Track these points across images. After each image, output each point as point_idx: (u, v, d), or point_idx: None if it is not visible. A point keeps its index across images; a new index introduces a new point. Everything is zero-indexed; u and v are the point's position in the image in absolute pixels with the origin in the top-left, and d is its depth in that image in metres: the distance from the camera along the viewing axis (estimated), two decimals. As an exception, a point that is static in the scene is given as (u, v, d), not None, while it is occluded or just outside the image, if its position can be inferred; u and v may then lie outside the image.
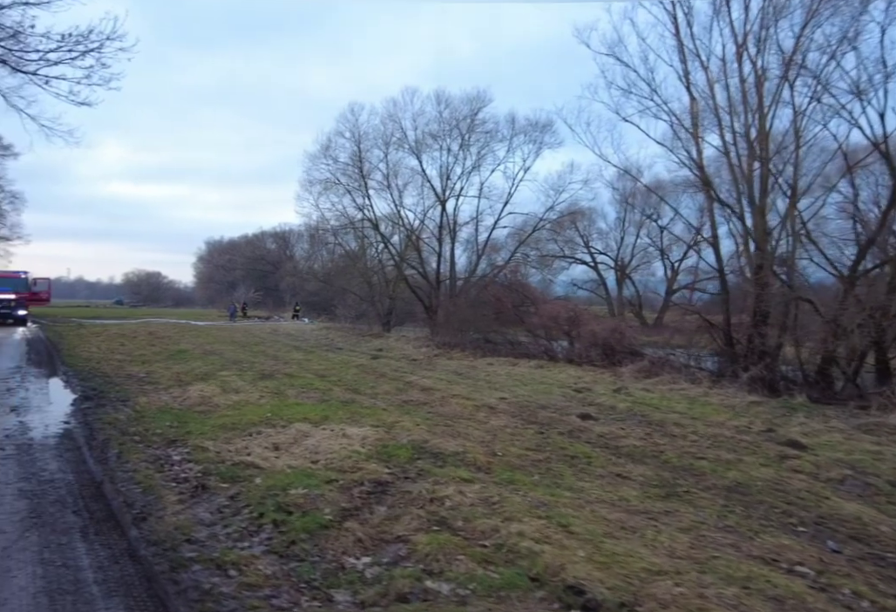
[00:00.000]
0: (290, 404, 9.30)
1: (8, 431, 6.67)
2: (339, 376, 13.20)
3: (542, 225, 26.16)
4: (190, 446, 6.39)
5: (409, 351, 19.41)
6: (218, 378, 12.01)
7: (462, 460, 6.22)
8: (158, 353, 16.89)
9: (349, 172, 26.32)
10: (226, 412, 8.51)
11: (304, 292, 63.56)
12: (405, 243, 28.08)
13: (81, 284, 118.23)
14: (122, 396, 9.50)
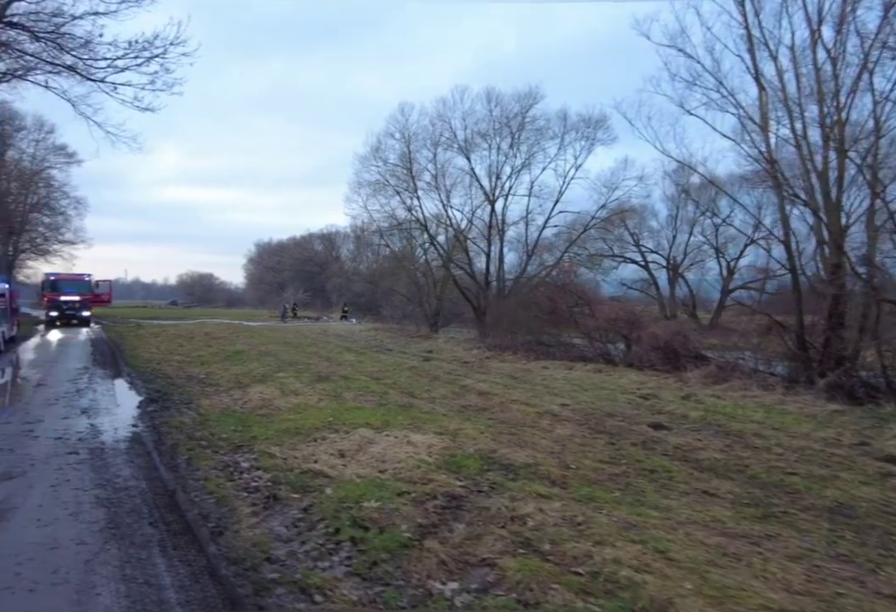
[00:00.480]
0: (350, 408, 9.20)
1: (81, 434, 6.75)
2: (393, 378, 13.08)
3: (595, 223, 25.52)
4: (257, 452, 6.31)
5: (460, 353, 19.17)
6: (276, 380, 12.06)
7: (535, 472, 5.93)
8: (216, 354, 17.18)
9: (398, 173, 26.34)
10: (288, 416, 8.46)
11: (349, 293, 64.29)
12: (452, 244, 27.89)
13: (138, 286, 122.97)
14: (185, 398, 9.59)
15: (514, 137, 23.56)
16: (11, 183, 34.90)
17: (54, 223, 39.90)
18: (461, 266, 26.27)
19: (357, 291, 63.66)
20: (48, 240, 40.24)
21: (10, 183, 34.71)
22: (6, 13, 9.07)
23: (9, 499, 4.48)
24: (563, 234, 26.81)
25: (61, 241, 40.30)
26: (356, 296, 61.30)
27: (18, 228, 36.55)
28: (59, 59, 9.37)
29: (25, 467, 5.33)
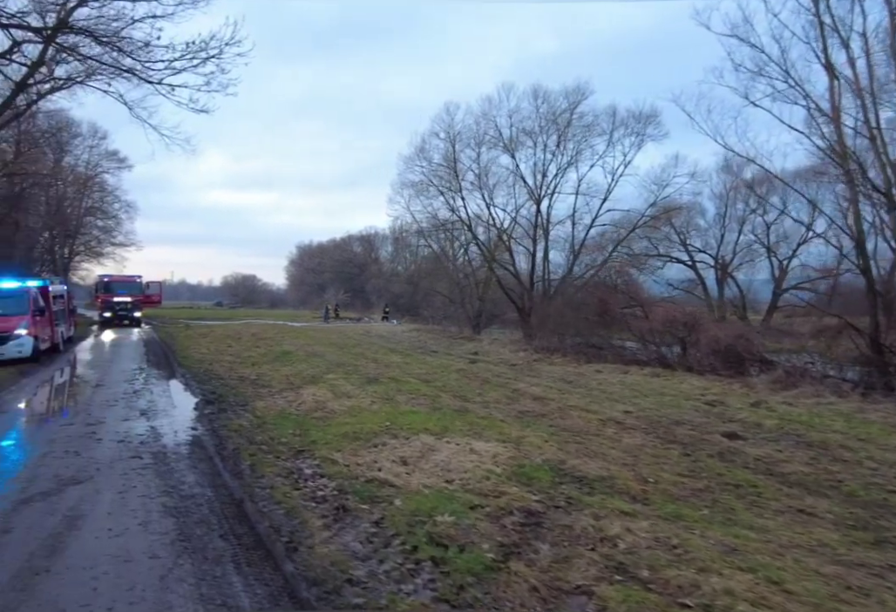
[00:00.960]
0: (405, 412, 8.98)
1: (142, 437, 6.70)
2: (442, 381, 12.84)
3: (644, 222, 24.78)
4: (318, 458, 6.13)
5: (507, 355, 18.80)
6: (326, 382, 11.97)
7: (611, 486, 5.56)
8: (264, 354, 17.28)
9: (441, 173, 26.15)
10: (344, 419, 8.29)
11: (388, 294, 64.56)
12: (494, 243, 27.50)
13: (184, 287, 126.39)
14: (240, 400, 9.55)
15: (560, 134, 23.08)
16: (68, 188, 36.17)
17: (107, 226, 41.24)
18: (505, 266, 25.87)
19: (396, 292, 63.91)
20: (101, 243, 41.62)
21: (67, 188, 35.98)
22: (70, 19, 9.27)
23: (78, 506, 4.39)
24: (610, 233, 26.13)
25: (113, 243, 41.64)
26: (395, 297, 61.53)
27: (74, 231, 37.88)
28: (119, 63, 9.53)
29: (91, 472, 5.27)
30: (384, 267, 76.96)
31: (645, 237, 34.37)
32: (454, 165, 24.92)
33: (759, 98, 13.81)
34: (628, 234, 24.48)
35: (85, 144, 37.46)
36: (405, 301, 58.83)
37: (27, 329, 13.31)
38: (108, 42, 9.15)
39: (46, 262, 34.72)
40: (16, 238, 24.15)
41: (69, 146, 34.95)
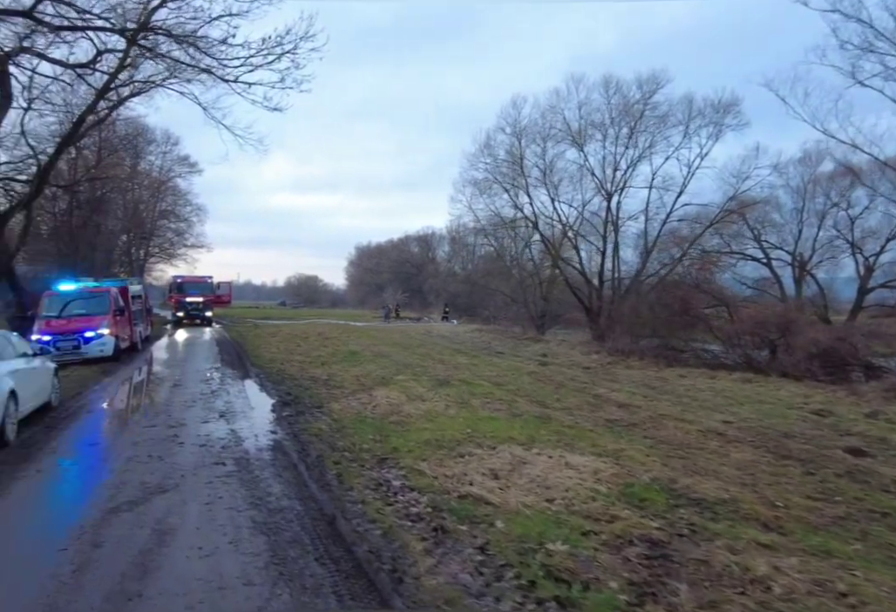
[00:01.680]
0: (484, 418, 8.53)
1: (223, 441, 6.53)
2: (515, 384, 12.31)
3: (723, 217, 23.38)
4: (404, 469, 5.75)
5: (578, 358, 18.05)
6: (397, 383, 11.68)
7: (736, 511, 4.91)
8: (333, 354, 17.25)
9: (504, 169, 25.58)
10: (422, 425, 7.92)
11: (446, 293, 64.36)
12: (560, 241, 26.65)
13: (250, 287, 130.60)
14: (315, 402, 9.35)
15: (633, 125, 22.01)
16: (143, 192, 37.79)
17: (179, 229, 42.93)
18: (571, 264, 25.01)
19: (453, 292, 63.67)
20: (174, 245, 43.36)
21: (143, 192, 37.59)
22: (151, 20, 9.40)
23: (166, 518, 4.15)
24: (682, 229, 24.82)
25: (185, 245, 43.30)
26: (452, 296, 61.28)
27: (149, 233, 39.57)
28: (197, 62, 9.60)
29: (177, 479, 5.07)
30: (441, 267, 76.97)
31: (716, 234, 32.61)
32: (520, 160, 24.27)
33: (867, 78, 12.56)
34: (706, 229, 23.14)
35: (159, 150, 39.12)
36: (462, 301, 58.44)
37: (108, 329, 13.70)
38: (188, 41, 9.21)
39: (124, 263, 36.36)
40: (97, 241, 25.34)
41: (144, 152, 36.53)
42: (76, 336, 13.09)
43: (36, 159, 14.36)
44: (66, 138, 14.42)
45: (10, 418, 5.98)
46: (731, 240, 37.97)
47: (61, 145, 14.35)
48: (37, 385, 7.14)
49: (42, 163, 13.34)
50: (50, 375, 7.83)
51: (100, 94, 13.72)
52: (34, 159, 14.53)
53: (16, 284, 16.04)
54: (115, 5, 8.86)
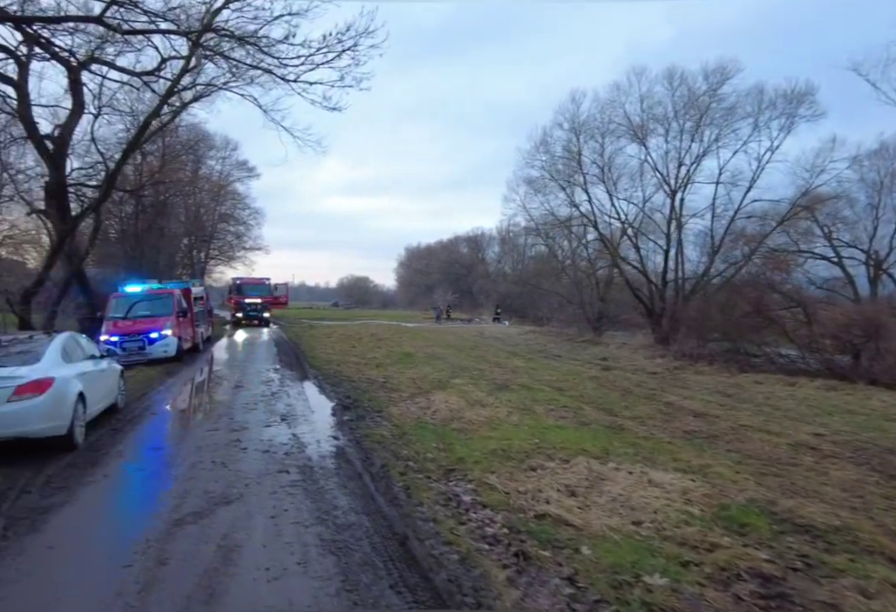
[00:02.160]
0: (550, 427, 8.11)
1: (286, 446, 6.36)
2: (578, 390, 11.80)
3: (794, 213, 22.01)
4: (473, 482, 5.41)
5: (641, 362, 17.28)
6: (454, 387, 11.38)
7: (854, 542, 4.33)
8: (387, 356, 17.14)
9: (560, 166, 24.92)
10: (485, 433, 7.57)
11: (496, 294, 63.80)
12: (618, 240, 25.75)
13: (304, 289, 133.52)
14: (374, 405, 9.15)
15: (699, 118, 20.94)
16: (204, 196, 38.97)
17: (238, 232, 44.13)
18: (632, 264, 24.10)
19: (503, 292, 63.01)
20: (233, 247, 44.59)
21: (203, 196, 38.76)
22: (214, 21, 9.50)
23: (231, 533, 3.95)
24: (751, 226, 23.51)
25: (244, 247, 44.49)
26: (503, 297, 60.69)
27: (210, 236, 40.80)
28: (257, 62, 9.64)
29: (241, 488, 4.89)
30: (491, 267, 76.45)
31: (783, 232, 30.85)
32: (578, 156, 23.56)
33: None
34: (777, 226, 21.82)
35: (219, 156, 40.32)
36: (512, 302, 57.75)
37: (172, 330, 13.97)
38: (249, 42, 9.23)
39: (186, 266, 37.58)
40: (161, 243, 26.24)
41: (205, 157, 37.67)
42: (141, 337, 13.40)
43: (105, 165, 14.85)
44: (132, 143, 14.88)
45: (79, 420, 5.99)
46: (798, 238, 35.86)
47: (127, 150, 14.80)
48: (104, 387, 7.19)
49: (110, 168, 13.75)
50: (116, 377, 7.91)
51: (164, 98, 14.06)
52: (103, 165, 15.04)
53: (86, 286, 16.67)
54: (178, 7, 9.03)
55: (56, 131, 16.67)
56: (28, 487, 4.79)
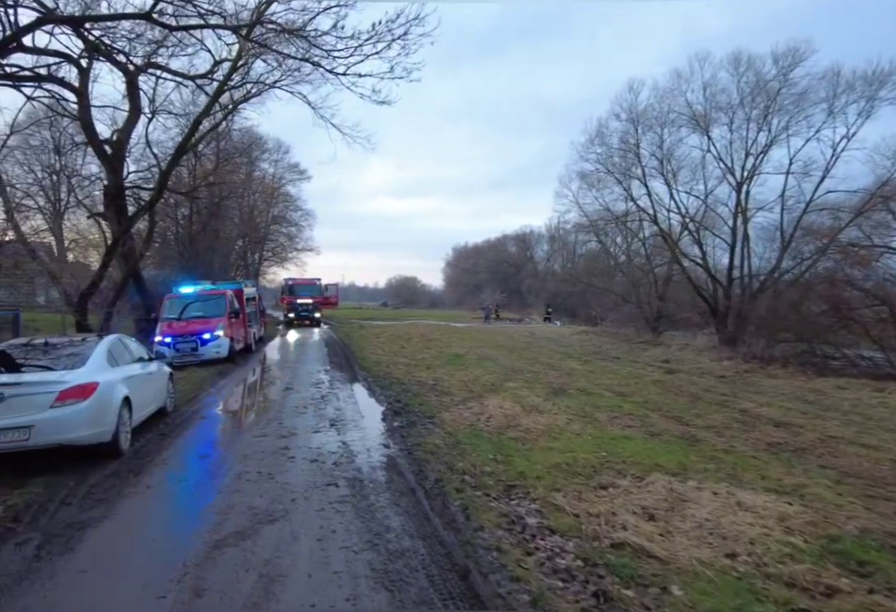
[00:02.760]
0: (616, 437, 7.48)
1: (335, 456, 6.01)
2: (642, 395, 11.05)
3: (873, 204, 20.35)
4: (537, 501, 4.90)
5: (707, 364, 16.25)
6: (508, 391, 10.86)
7: None
8: (437, 357, 16.77)
9: (616, 160, 23.94)
10: (545, 443, 7.03)
11: (545, 293, 62.64)
12: (678, 236, 24.50)
13: (353, 289, 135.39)
14: (426, 410, 8.73)
15: (768, 105, 19.57)
16: (257, 199, 39.72)
17: (290, 233, 44.91)
18: (695, 260, 22.87)
19: (552, 291, 61.78)
20: (286, 248, 45.38)
21: (257, 199, 39.51)
22: (264, 14, 9.37)
23: (274, 559, 3.59)
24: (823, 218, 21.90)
25: (296, 249, 45.28)
26: (552, 296, 59.56)
27: (263, 238, 41.57)
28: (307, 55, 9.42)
29: (287, 504, 4.54)
30: (540, 266, 75.22)
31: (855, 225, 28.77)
32: (636, 148, 22.51)
33: None
34: (854, 217, 20.20)
35: (271, 159, 41.05)
36: (562, 301, 56.55)
37: (223, 331, 13.99)
38: (299, 34, 9.02)
39: (240, 267, 38.39)
40: (215, 245, 26.73)
41: (258, 160, 38.38)
42: (194, 338, 13.45)
43: (158, 167, 15.05)
44: (183, 143, 15.06)
45: (125, 426, 5.82)
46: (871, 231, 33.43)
47: (179, 150, 14.97)
48: (152, 391, 7.05)
49: (163, 167, 13.92)
50: (165, 379, 7.78)
51: (214, 97, 14.16)
52: (157, 168, 15.27)
53: (142, 287, 17.02)
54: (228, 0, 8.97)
55: (114, 136, 17.09)
56: (69, 498, 4.59)
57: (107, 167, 16.46)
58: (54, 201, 28.00)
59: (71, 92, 15.79)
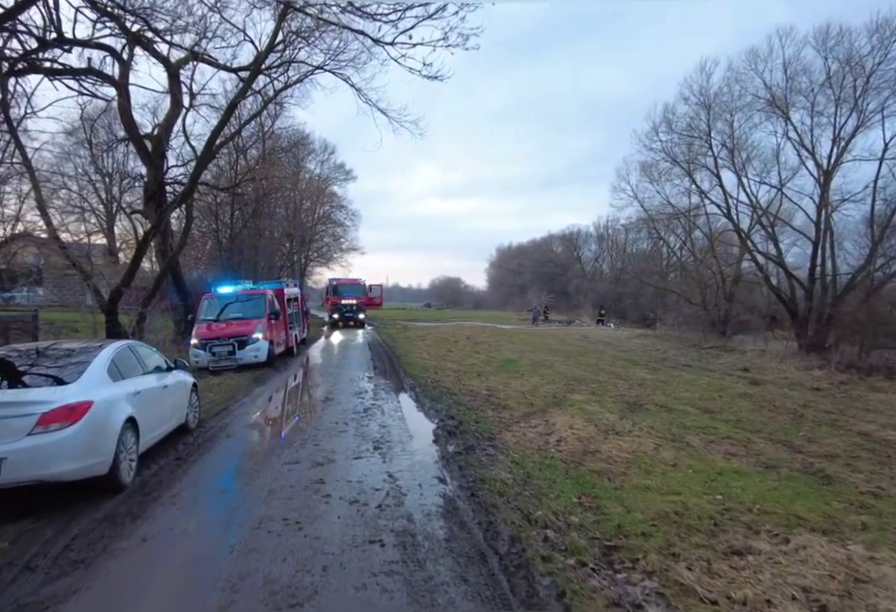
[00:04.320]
0: (724, 472, 6.04)
1: (379, 494, 4.82)
2: (732, 412, 9.51)
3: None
4: (654, 576, 3.58)
5: (793, 373, 14.41)
6: (575, 405, 9.50)
7: None
8: (487, 362, 15.50)
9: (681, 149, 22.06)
10: (638, 478, 5.66)
11: (593, 294, 60.49)
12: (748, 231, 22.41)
13: (397, 290, 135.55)
14: (483, 429, 7.49)
15: (861, 84, 17.42)
16: (304, 200, 39.31)
17: (336, 233, 44.51)
18: (771, 258, 20.79)
19: (601, 293, 59.51)
20: (331, 249, 45.01)
21: (303, 200, 39.09)
22: None
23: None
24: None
25: (341, 249, 44.86)
26: (600, 297, 57.46)
27: (309, 238, 41.19)
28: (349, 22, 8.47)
29: (316, 575, 3.38)
30: (587, 266, 72.89)
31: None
32: (707, 135, 20.55)
33: None
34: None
35: (317, 159, 40.72)
36: (611, 302, 54.39)
37: (262, 333, 13.08)
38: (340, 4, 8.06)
39: (286, 267, 38.02)
40: (259, 244, 26.18)
41: (305, 161, 38.03)
42: (231, 341, 12.58)
43: (196, 159, 14.37)
44: (219, 125, 14.32)
45: (128, 454, 4.79)
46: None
47: (214, 133, 14.22)
48: (168, 407, 6.04)
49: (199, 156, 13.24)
50: (186, 392, 6.76)
51: (250, 77, 13.41)
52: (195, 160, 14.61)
53: (182, 287, 16.35)
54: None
55: (155, 130, 16.54)
56: (37, 559, 3.54)
57: (146, 163, 15.90)
58: (108, 203, 28.12)
59: (112, 85, 15.30)
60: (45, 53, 13.65)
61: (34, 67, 13.70)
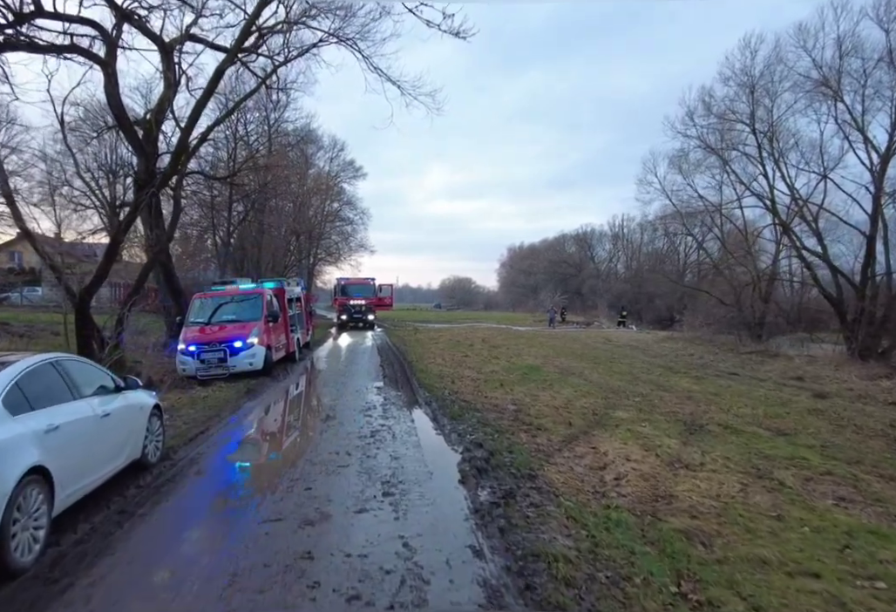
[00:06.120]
0: (856, 531, 4.50)
1: (391, 580, 3.33)
2: (811, 434, 7.95)
3: None
4: None
5: (857, 384, 12.75)
6: (623, 426, 7.96)
7: None
8: (508, 370, 13.96)
9: (720, 136, 20.33)
10: (745, 546, 4.14)
11: (608, 295, 58.94)
12: (787, 226, 20.70)
13: (407, 290, 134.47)
14: (520, 463, 5.96)
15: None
16: (312, 197, 37.97)
17: (345, 232, 43.23)
18: (816, 253, 19.07)
19: (616, 293, 57.91)
20: (340, 248, 43.71)
21: (312, 197, 37.76)
22: None
23: None
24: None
25: (350, 247, 43.57)
26: (615, 298, 55.91)
27: (317, 236, 39.87)
28: None
29: None
30: (601, 266, 71.28)
31: None
32: (751, 119, 18.78)
33: None
34: None
35: (326, 157, 39.48)
36: (627, 302, 52.80)
37: (258, 337, 11.60)
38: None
39: (292, 266, 36.70)
40: (262, 240, 24.77)
41: (313, 159, 36.74)
42: (222, 347, 11.10)
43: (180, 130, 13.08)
44: (201, 99, 12.99)
45: (29, 520, 3.31)
46: None
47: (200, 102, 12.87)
48: (110, 442, 4.52)
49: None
50: (144, 417, 5.26)
51: (239, 40, 12.13)
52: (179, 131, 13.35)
53: (174, 286, 14.87)
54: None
55: (147, 115, 15.20)
56: None
57: (137, 152, 14.55)
58: (110, 201, 26.93)
59: (97, 64, 13.98)
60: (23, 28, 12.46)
61: (10, 44, 12.47)
